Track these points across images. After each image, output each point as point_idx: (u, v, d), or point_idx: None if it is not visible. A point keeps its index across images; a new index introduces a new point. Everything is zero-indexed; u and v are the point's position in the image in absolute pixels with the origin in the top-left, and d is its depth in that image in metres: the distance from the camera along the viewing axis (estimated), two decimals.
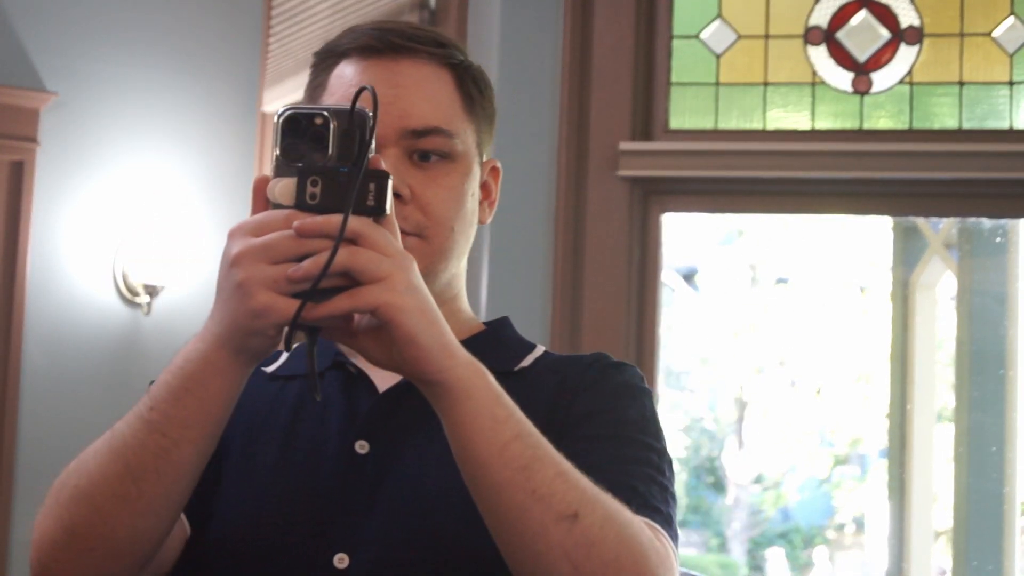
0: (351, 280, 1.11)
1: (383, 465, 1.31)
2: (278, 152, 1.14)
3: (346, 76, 1.39)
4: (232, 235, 1.13)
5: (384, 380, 1.38)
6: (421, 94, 1.38)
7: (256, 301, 1.10)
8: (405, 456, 1.32)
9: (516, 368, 1.42)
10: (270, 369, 1.43)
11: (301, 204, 1.12)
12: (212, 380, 1.15)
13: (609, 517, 1.18)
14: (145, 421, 1.16)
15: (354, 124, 1.14)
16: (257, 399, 1.38)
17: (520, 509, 1.16)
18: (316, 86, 1.42)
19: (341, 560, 1.28)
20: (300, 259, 1.10)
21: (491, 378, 1.18)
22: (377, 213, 1.12)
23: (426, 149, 1.37)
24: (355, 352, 1.21)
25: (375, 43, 1.39)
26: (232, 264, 1.11)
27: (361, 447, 1.32)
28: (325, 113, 1.13)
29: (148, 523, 1.19)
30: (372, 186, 1.12)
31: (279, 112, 1.15)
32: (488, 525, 1.19)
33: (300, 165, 1.13)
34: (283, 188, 1.13)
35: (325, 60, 1.42)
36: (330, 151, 1.13)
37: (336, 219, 1.10)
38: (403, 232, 1.29)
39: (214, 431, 1.17)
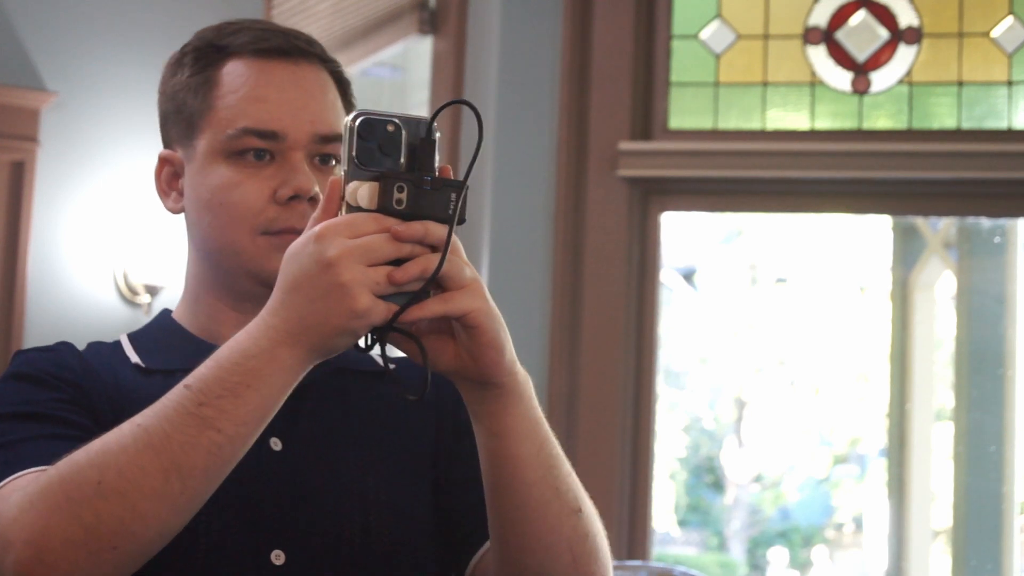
0: (435, 286, 1.15)
1: (299, 461, 1.33)
2: (354, 155, 1.15)
3: (246, 74, 1.38)
4: (324, 236, 1.13)
5: None
6: (325, 100, 1.40)
7: (358, 303, 1.12)
8: (319, 451, 1.34)
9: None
10: (142, 363, 1.40)
11: (386, 208, 1.14)
12: (276, 377, 1.15)
13: (593, 512, 1.30)
14: (195, 417, 1.14)
15: (430, 135, 1.17)
16: (148, 394, 1.32)
17: (544, 505, 1.25)
18: (203, 82, 1.39)
19: (277, 556, 1.30)
20: (391, 263, 1.13)
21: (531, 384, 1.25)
22: (455, 222, 1.16)
23: (329, 153, 1.40)
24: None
25: (281, 44, 1.40)
26: (331, 264, 1.12)
27: (275, 444, 1.33)
28: (396, 121, 1.16)
29: (181, 520, 1.18)
30: (453, 196, 1.15)
31: (354, 115, 1.16)
32: (506, 519, 1.26)
33: (377, 170, 1.15)
34: (366, 192, 1.15)
35: (208, 56, 1.40)
36: (402, 158, 1.16)
37: (431, 226, 1.14)
38: None
39: (263, 427, 1.18)
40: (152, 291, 4.35)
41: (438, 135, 1.17)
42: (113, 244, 4.32)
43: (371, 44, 3.93)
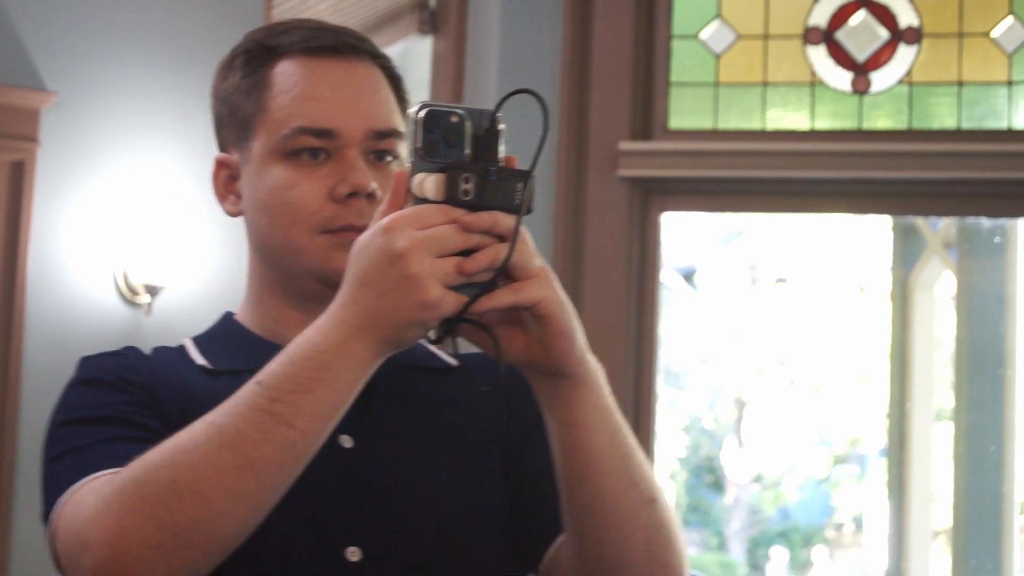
0: (504, 276, 1.16)
1: (370, 458, 1.33)
2: (420, 147, 1.16)
3: (298, 74, 1.38)
4: (392, 229, 1.13)
5: None
6: (377, 96, 1.40)
7: (429, 294, 1.13)
8: (390, 448, 1.34)
9: (449, 365, 1.45)
10: (209, 364, 1.40)
11: (453, 199, 1.14)
12: (348, 371, 1.15)
13: (667, 501, 1.29)
14: (269, 413, 1.14)
15: (494, 125, 1.18)
16: (216, 395, 1.32)
17: (620, 495, 1.25)
18: (255, 83, 1.39)
19: (353, 553, 1.29)
20: (460, 254, 1.14)
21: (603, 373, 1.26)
22: (523, 212, 1.17)
23: (384, 150, 1.39)
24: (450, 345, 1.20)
25: (332, 43, 1.39)
26: (400, 256, 1.12)
27: (345, 441, 1.32)
28: (460, 112, 1.17)
29: (256, 518, 1.17)
30: (519, 186, 1.17)
31: (418, 107, 1.16)
32: (582, 510, 1.26)
33: (443, 161, 1.15)
34: (433, 184, 1.15)
35: (259, 57, 1.40)
36: (466, 149, 1.16)
37: (499, 216, 1.15)
38: None
39: (335, 423, 1.17)
40: (152, 291, 4.34)
41: (502, 126, 1.18)
42: (113, 244, 4.32)
43: None
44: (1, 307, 4.16)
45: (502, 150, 1.18)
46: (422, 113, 1.16)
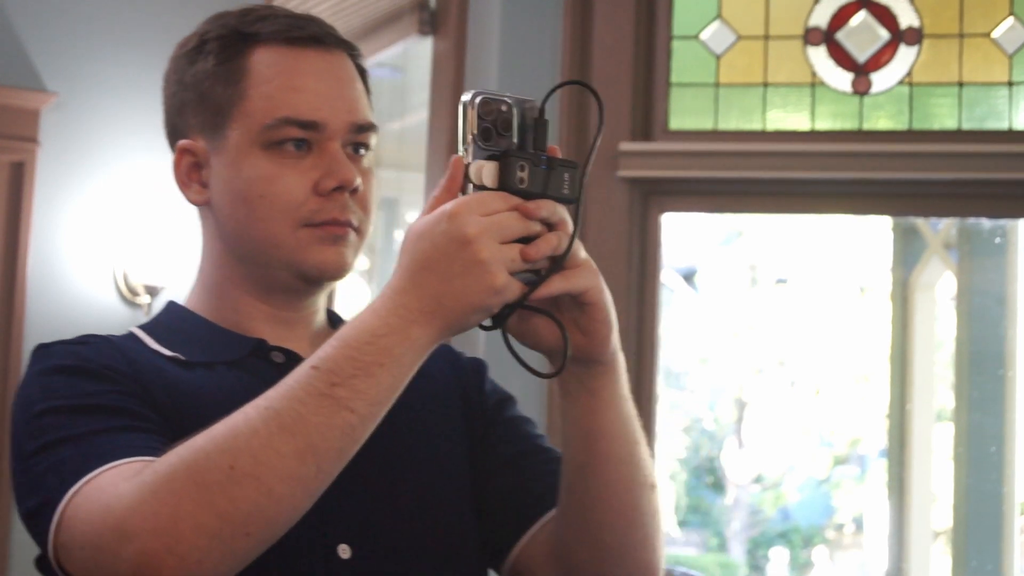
0: (552, 263, 1.18)
1: (359, 456, 1.31)
2: (475, 133, 1.16)
3: (281, 63, 1.36)
4: (458, 215, 1.14)
5: None
6: (356, 89, 1.40)
7: (498, 280, 1.14)
8: (379, 444, 1.33)
9: None
10: (181, 356, 1.37)
11: (509, 187, 1.16)
12: (408, 355, 1.15)
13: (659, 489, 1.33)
14: (330, 398, 1.13)
15: (543, 115, 1.19)
16: (200, 387, 1.32)
17: (630, 481, 1.28)
18: (232, 70, 1.37)
19: (344, 551, 1.30)
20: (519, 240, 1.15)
21: None
22: (573, 201, 1.19)
23: (362, 143, 1.39)
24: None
25: (313, 33, 1.38)
26: (470, 242, 1.13)
27: None
28: (509, 100, 1.18)
29: (308, 505, 1.16)
30: (567, 175, 1.19)
31: (472, 95, 1.17)
32: (592, 496, 1.28)
33: (497, 149, 1.17)
34: (490, 171, 1.16)
35: (235, 44, 1.38)
36: (515, 138, 1.18)
37: (555, 205, 1.17)
38: (351, 227, 1.35)
39: (389, 407, 1.18)
40: (152, 291, 4.35)
41: (600, 125, 1.20)
42: (113, 244, 4.32)
43: (371, 44, 3.93)
44: (1, 307, 4.16)
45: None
46: (477, 100, 1.17)
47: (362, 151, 1.39)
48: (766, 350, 11.60)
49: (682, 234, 10.97)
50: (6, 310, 4.16)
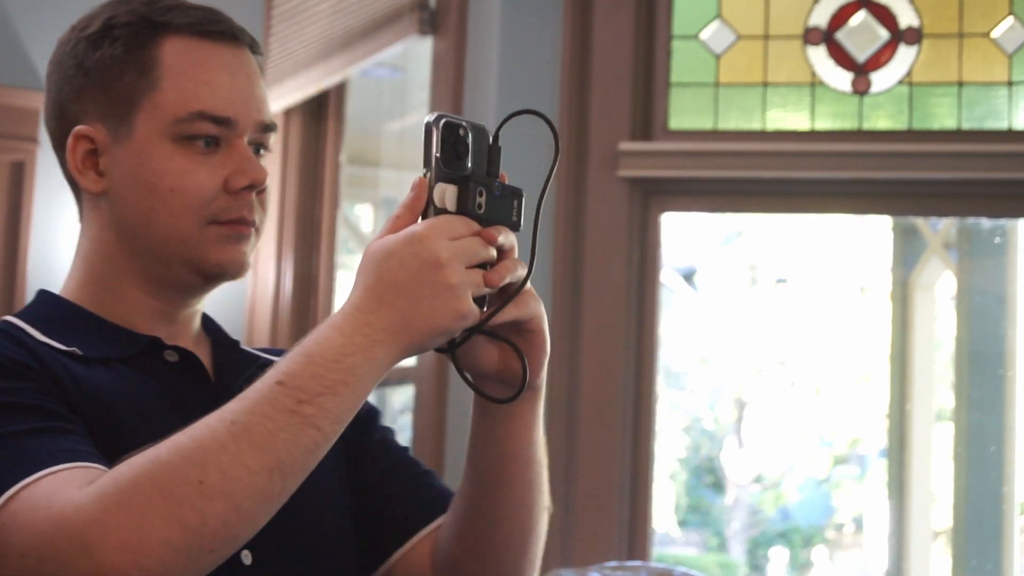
0: (500, 291, 1.19)
1: None
2: (439, 156, 1.17)
3: (193, 57, 1.34)
4: (428, 237, 1.14)
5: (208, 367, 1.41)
6: (263, 88, 1.39)
7: (465, 304, 1.15)
8: None
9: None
10: (79, 351, 1.32)
11: (467, 211, 1.17)
12: (371, 374, 1.15)
13: None
14: (298, 415, 1.11)
15: (496, 142, 1.22)
16: (102, 385, 1.28)
17: (533, 503, 1.31)
18: (141, 59, 1.33)
19: (246, 556, 1.29)
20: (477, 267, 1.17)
21: None
22: (518, 228, 1.21)
23: (264, 143, 1.38)
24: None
25: (226, 28, 1.36)
26: (443, 265, 1.13)
27: None
28: (465, 124, 1.19)
29: (265, 522, 1.14)
30: (515, 203, 1.21)
31: (436, 117, 1.17)
32: (495, 516, 1.30)
33: (459, 173, 1.18)
34: (452, 194, 1.17)
35: (144, 32, 1.34)
36: (470, 163, 1.19)
37: (508, 232, 1.20)
38: (254, 227, 1.35)
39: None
40: None
41: (555, 153, 1.26)
42: None
43: (371, 44, 3.93)
44: (1, 307, 4.15)
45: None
46: (441, 122, 1.17)
47: (262, 151, 1.38)
48: (766, 350, 11.60)
49: (682, 234, 10.97)
50: (6, 310, 4.15)
